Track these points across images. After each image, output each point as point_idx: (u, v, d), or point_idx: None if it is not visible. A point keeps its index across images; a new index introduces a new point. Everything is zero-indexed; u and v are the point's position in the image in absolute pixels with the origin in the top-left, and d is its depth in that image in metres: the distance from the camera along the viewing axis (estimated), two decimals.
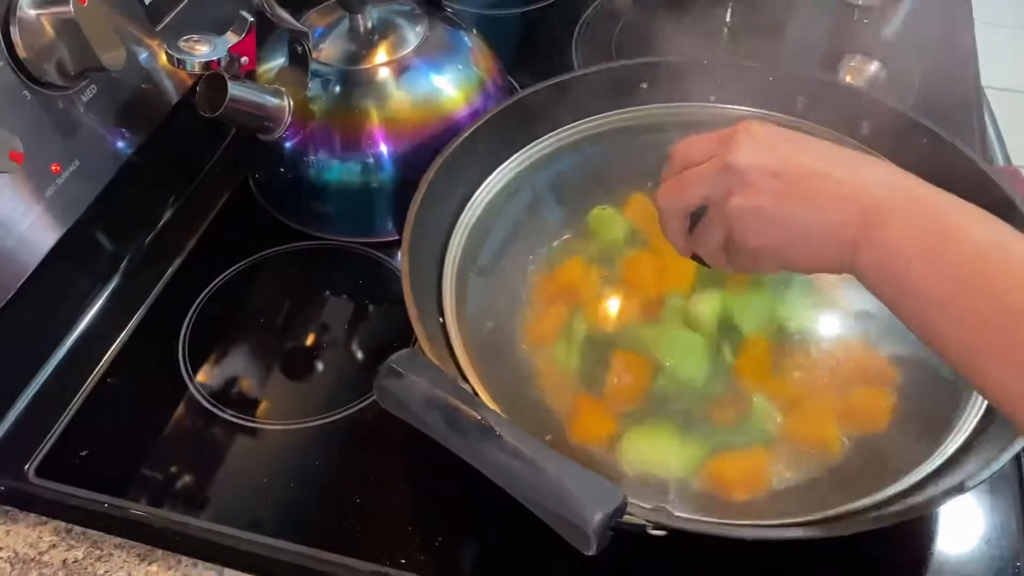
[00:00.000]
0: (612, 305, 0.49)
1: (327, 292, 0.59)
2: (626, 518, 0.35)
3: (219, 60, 0.53)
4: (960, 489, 0.38)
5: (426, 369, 0.38)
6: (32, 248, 0.51)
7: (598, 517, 0.32)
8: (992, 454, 0.40)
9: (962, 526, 0.47)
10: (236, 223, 0.63)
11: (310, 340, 0.56)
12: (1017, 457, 0.48)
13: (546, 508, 0.34)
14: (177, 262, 0.60)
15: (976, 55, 0.75)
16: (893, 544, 0.46)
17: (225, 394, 0.53)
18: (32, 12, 0.47)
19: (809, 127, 0.57)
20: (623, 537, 0.36)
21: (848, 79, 0.58)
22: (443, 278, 0.51)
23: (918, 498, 0.40)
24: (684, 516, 0.41)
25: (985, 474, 0.38)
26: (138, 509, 0.48)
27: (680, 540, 0.38)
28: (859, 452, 0.43)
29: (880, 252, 0.35)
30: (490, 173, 0.56)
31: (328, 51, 0.59)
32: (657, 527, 0.37)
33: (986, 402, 0.44)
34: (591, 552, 0.34)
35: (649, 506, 0.41)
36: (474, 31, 0.65)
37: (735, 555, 0.45)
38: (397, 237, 0.49)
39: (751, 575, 0.45)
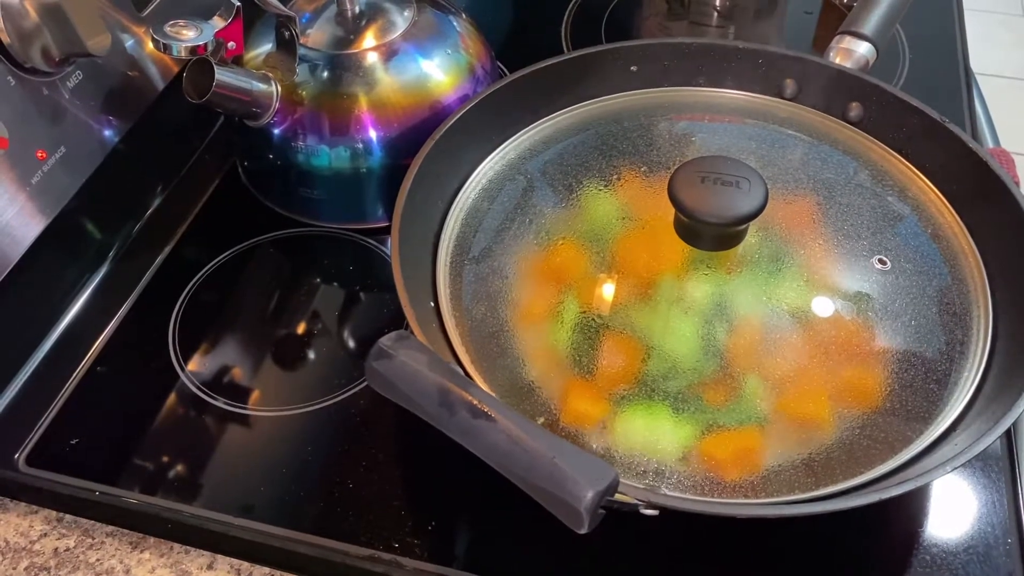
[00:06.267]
0: (604, 287, 0.49)
1: (318, 279, 0.59)
2: (618, 497, 0.35)
3: (206, 45, 0.52)
4: (954, 462, 0.38)
5: (417, 350, 0.38)
6: (18, 237, 0.50)
7: (590, 495, 0.32)
8: (984, 428, 0.40)
9: (953, 504, 0.47)
10: (225, 211, 0.63)
11: (301, 327, 0.56)
12: (1008, 434, 0.48)
13: (538, 487, 0.34)
14: (166, 250, 0.60)
15: (964, 37, 0.76)
16: (885, 522, 0.46)
17: (216, 381, 0.53)
18: None
19: (798, 109, 0.58)
20: (616, 518, 0.36)
21: (838, 60, 0.57)
22: (437, 263, 0.50)
23: (911, 473, 0.40)
24: (676, 495, 0.41)
25: (978, 448, 0.38)
26: (130, 497, 0.47)
27: (673, 520, 0.38)
28: (852, 430, 0.43)
29: None
30: (482, 159, 0.55)
31: (316, 36, 0.59)
32: (649, 506, 0.37)
33: (977, 378, 0.45)
34: (583, 530, 0.33)
35: (641, 486, 0.41)
36: (463, 15, 0.64)
37: (728, 535, 0.45)
38: (388, 223, 0.49)
39: (744, 556, 0.45)
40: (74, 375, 0.53)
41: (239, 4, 0.54)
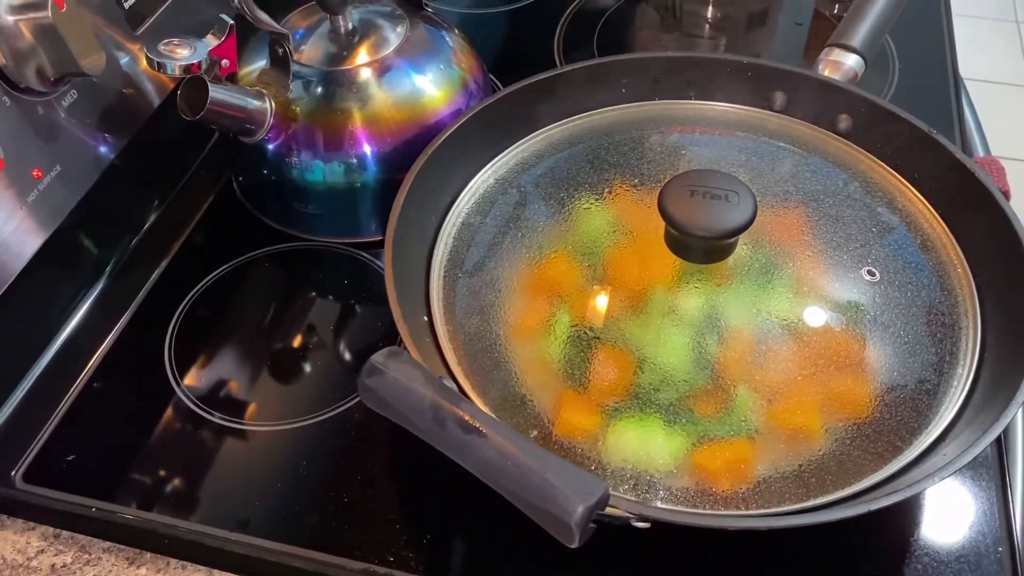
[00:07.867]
0: (596, 300, 0.49)
1: (313, 293, 0.60)
2: (609, 510, 0.35)
3: (200, 63, 0.53)
4: (943, 472, 0.38)
5: (409, 366, 0.38)
6: (15, 254, 0.51)
7: (580, 509, 0.33)
8: (973, 437, 0.40)
9: (944, 513, 0.47)
10: (220, 226, 0.63)
11: (297, 341, 0.56)
12: (998, 443, 0.49)
13: (530, 502, 0.34)
14: (162, 266, 0.60)
15: (954, 46, 0.76)
16: (876, 531, 0.47)
17: (212, 396, 0.53)
18: (10, 18, 0.47)
19: (788, 122, 0.58)
20: (609, 531, 0.37)
21: (826, 73, 0.58)
22: (430, 277, 0.51)
23: (901, 484, 0.41)
24: (667, 507, 0.41)
25: (967, 457, 0.39)
26: (126, 512, 0.48)
27: (665, 532, 0.39)
28: (842, 441, 0.44)
29: None
30: (475, 174, 0.56)
31: (309, 53, 0.59)
32: (640, 519, 0.37)
33: (966, 388, 0.45)
34: (574, 545, 0.34)
35: (633, 498, 0.41)
36: (455, 31, 0.65)
37: (720, 547, 0.46)
38: (382, 237, 0.49)
39: (736, 567, 0.45)
40: (71, 391, 0.53)
41: (232, 22, 0.55)
